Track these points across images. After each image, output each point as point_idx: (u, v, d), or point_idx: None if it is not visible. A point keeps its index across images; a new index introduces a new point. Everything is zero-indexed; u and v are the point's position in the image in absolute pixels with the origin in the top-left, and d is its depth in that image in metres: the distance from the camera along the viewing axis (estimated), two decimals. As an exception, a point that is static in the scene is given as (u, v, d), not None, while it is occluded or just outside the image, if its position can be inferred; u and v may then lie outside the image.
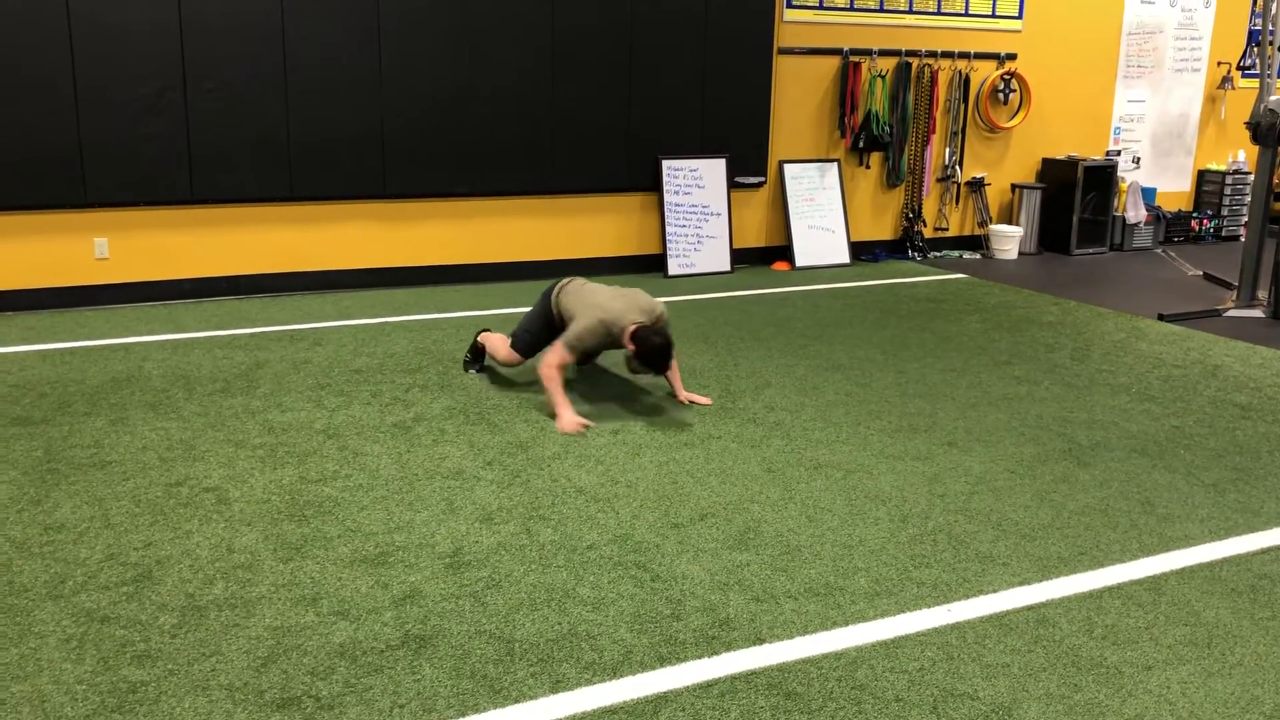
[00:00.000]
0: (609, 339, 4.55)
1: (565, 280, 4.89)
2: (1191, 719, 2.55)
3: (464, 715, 2.50)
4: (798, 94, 8.20)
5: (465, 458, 4.12)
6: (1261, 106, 6.92)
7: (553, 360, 4.54)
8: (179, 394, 4.82)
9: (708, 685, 2.64)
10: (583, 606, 3.01)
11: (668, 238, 7.79)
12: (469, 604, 3.01)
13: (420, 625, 2.89)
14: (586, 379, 5.19)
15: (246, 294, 6.86)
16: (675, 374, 4.84)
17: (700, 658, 2.76)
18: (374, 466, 4.01)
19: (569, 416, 4.44)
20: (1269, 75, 6.98)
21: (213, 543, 3.36)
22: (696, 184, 7.88)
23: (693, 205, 7.87)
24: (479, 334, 5.20)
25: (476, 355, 5.23)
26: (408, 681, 2.63)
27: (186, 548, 3.32)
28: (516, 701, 2.56)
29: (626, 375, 5.20)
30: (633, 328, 4.47)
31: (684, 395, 4.82)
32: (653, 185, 7.80)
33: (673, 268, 7.79)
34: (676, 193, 7.82)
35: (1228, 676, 2.73)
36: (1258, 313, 6.90)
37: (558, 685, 2.63)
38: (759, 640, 2.85)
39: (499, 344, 4.98)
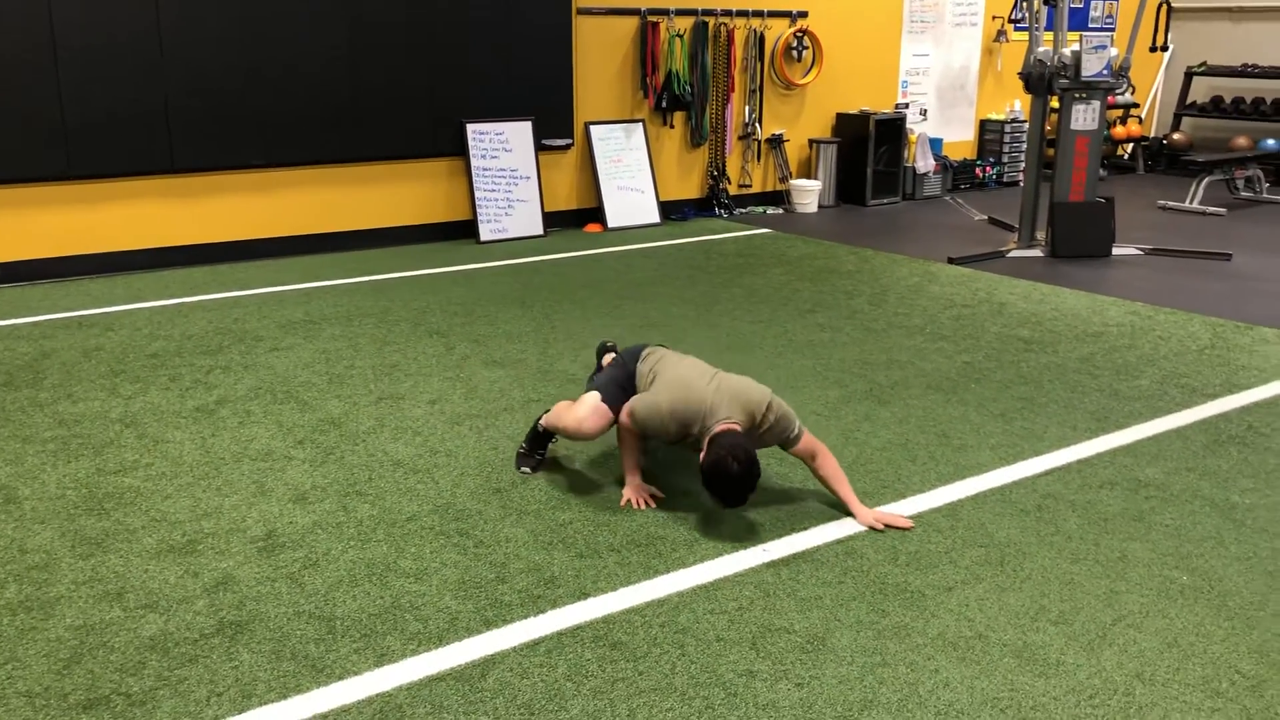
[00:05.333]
0: (680, 432, 3.37)
1: (649, 349, 3.72)
2: (989, 631, 2.73)
3: (286, 697, 2.44)
4: (599, 55, 8.21)
5: (274, 438, 3.99)
6: (1032, 58, 7.36)
7: (623, 417, 3.47)
8: (-46, 391, 4.49)
9: (534, 644, 2.66)
10: (405, 578, 2.98)
11: (477, 203, 7.70)
12: (286, 586, 2.93)
13: (235, 611, 2.80)
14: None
15: (26, 280, 6.41)
16: (843, 485, 3.42)
17: (526, 617, 2.78)
18: (177, 453, 3.84)
19: (632, 482, 3.49)
20: (1037, 29, 7.42)
21: (2, 544, 3.15)
22: (504, 147, 7.81)
23: (501, 169, 7.79)
24: (539, 421, 3.77)
25: (536, 444, 3.78)
26: (225, 669, 2.55)
27: (-28, 553, 3.11)
28: (340, 679, 2.52)
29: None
30: (719, 429, 3.25)
31: (870, 516, 3.34)
32: (459, 150, 7.69)
33: (484, 233, 7.71)
34: (483, 156, 7.73)
35: (1019, 590, 2.94)
36: (1037, 252, 7.37)
37: (382, 658, 2.60)
38: (584, 595, 2.89)
39: (569, 409, 3.62)
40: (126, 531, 3.24)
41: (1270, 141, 10.59)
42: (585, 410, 3.50)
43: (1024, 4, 9.56)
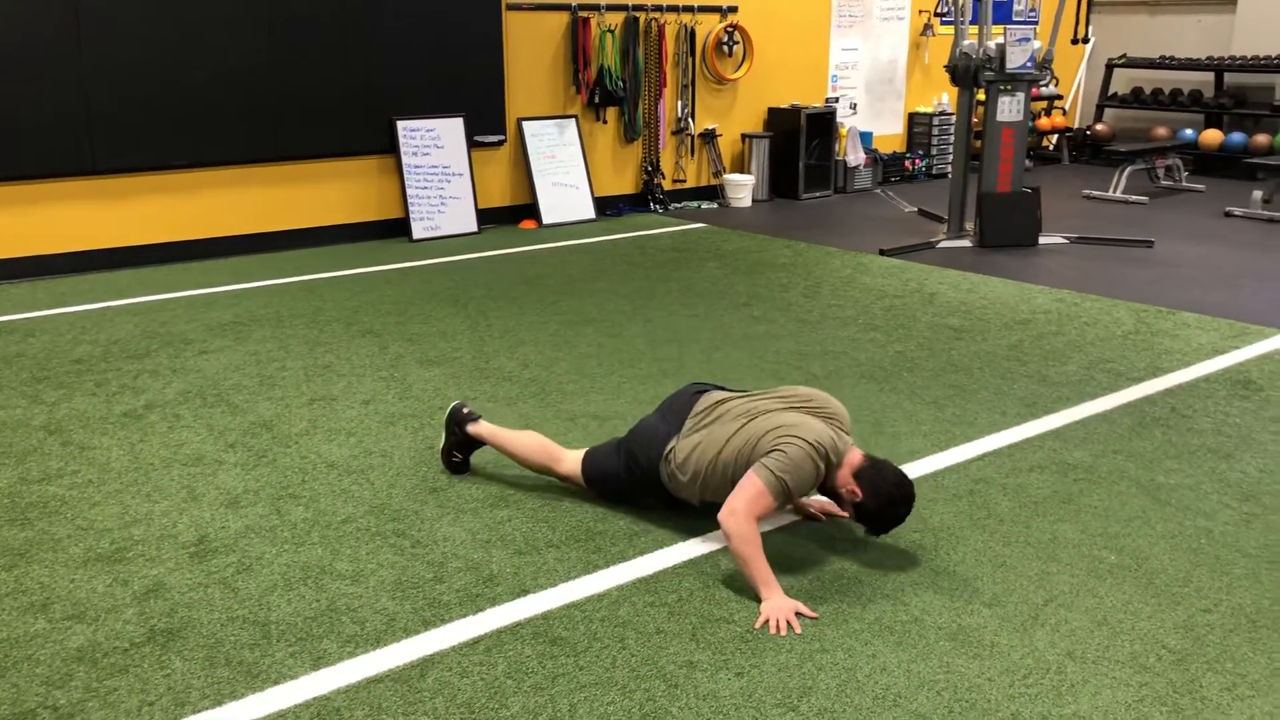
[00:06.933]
0: (818, 476, 2.99)
1: (699, 407, 3.26)
2: (924, 615, 2.77)
3: (221, 704, 2.40)
4: (531, 51, 8.17)
5: (205, 442, 3.92)
6: (958, 51, 7.47)
7: (747, 509, 2.88)
8: None
9: (473, 642, 2.65)
10: (341, 580, 2.94)
11: (409, 200, 7.62)
12: (219, 591, 2.88)
13: (167, 619, 2.74)
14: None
15: (-59, 287, 6.23)
16: None
17: (465, 616, 2.76)
18: (104, 460, 3.75)
19: (783, 601, 2.80)
20: (963, 22, 7.53)
21: (-80, 559, 3.06)
22: (435, 144, 7.74)
23: (433, 166, 7.73)
24: (465, 422, 3.60)
25: (463, 446, 3.64)
26: (156, 678, 2.50)
27: (-112, 568, 3.01)
28: (277, 683, 2.48)
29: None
30: (858, 461, 3.01)
31: (808, 505, 3.36)
32: (389, 147, 7.60)
33: (417, 231, 7.63)
34: (415, 154, 7.65)
35: (952, 574, 2.99)
36: (966, 242, 7.49)
37: (319, 661, 2.56)
38: (523, 592, 2.88)
39: (543, 452, 3.50)
40: (52, 541, 3.16)
41: (1188, 131, 10.87)
42: (565, 469, 3.45)
43: (949, -2, 9.71)
